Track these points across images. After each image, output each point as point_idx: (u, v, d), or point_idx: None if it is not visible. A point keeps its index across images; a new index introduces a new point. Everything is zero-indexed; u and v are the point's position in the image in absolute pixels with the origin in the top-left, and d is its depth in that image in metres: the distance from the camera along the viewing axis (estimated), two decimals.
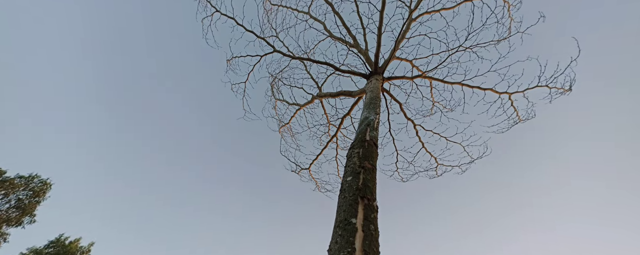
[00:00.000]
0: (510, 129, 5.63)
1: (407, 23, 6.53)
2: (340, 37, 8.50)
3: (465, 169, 6.18)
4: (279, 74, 10.60)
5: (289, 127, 10.57)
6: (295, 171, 10.26)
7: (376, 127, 4.19)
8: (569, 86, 4.88)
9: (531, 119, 5.37)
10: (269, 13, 10.20)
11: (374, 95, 5.72)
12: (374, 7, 6.99)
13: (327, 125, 9.90)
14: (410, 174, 6.98)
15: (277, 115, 10.84)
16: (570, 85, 4.86)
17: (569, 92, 4.90)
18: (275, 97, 10.63)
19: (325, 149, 9.72)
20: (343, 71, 8.37)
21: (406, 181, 7.03)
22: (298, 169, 10.19)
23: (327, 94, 8.95)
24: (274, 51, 9.43)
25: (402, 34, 6.62)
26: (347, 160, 3.18)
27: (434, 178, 6.87)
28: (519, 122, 5.57)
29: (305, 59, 9.06)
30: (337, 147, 9.76)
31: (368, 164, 2.81)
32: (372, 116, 4.46)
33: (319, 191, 10.46)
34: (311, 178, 10.33)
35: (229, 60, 10.38)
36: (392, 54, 6.98)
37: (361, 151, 3.14)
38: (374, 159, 3.11)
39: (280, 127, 10.66)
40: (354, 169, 2.70)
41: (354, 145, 3.46)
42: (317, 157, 9.85)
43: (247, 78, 10.31)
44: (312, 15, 9.38)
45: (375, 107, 4.99)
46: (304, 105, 9.89)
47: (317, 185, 10.51)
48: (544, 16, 4.94)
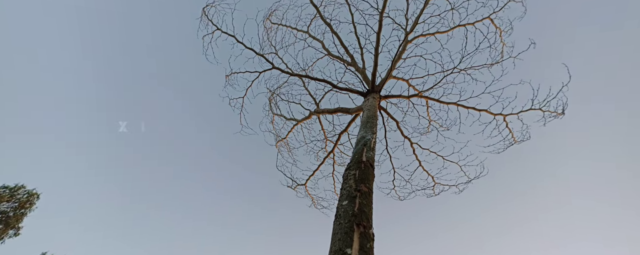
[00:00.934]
0: (505, 149, 5.69)
1: (403, 44, 6.73)
2: (339, 56, 8.71)
3: (463, 189, 6.14)
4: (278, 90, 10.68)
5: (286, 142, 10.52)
6: (291, 187, 10.07)
7: (373, 146, 4.19)
8: (561, 110, 5.00)
9: (526, 140, 5.44)
10: (269, 31, 10.47)
11: (371, 113, 5.77)
12: (371, 29, 7.23)
13: (324, 141, 9.87)
14: (407, 192, 6.92)
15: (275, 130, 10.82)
16: (562, 109, 4.99)
17: (562, 116, 5.01)
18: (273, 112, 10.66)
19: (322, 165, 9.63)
20: (340, 88, 8.48)
21: (404, 200, 6.94)
22: (294, 184, 10.01)
23: (324, 110, 9.01)
24: (273, 68, 9.58)
25: (399, 55, 6.79)
26: (343, 182, 3.15)
27: (431, 197, 6.79)
28: (514, 144, 5.63)
29: (304, 76, 9.19)
30: (333, 163, 9.68)
31: (364, 187, 2.77)
32: (368, 136, 4.47)
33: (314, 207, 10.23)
34: (307, 194, 10.13)
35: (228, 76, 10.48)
36: (388, 73, 7.13)
37: (358, 173, 3.12)
38: (371, 181, 3.08)
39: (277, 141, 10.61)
40: (350, 193, 2.67)
41: (350, 166, 3.43)
42: (313, 173, 9.73)
43: (246, 93, 10.37)
44: (311, 34, 9.64)
45: (372, 126, 5.01)
46: (301, 120, 9.91)
47: (313, 202, 10.30)
48: (534, 43, 5.15)
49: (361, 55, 7.85)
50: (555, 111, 5.08)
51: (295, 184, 9.99)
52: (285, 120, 10.34)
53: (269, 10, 10.44)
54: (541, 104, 5.16)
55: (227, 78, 10.44)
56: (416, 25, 6.52)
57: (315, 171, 9.71)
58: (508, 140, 5.70)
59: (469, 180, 5.99)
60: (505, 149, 5.71)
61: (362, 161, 3.47)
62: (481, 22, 6.08)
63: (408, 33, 6.75)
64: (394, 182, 7.01)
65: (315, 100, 9.61)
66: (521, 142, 5.54)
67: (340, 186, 3.36)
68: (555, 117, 5.10)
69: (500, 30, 5.94)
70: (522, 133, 5.54)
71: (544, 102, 5.10)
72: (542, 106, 5.17)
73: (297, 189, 10.03)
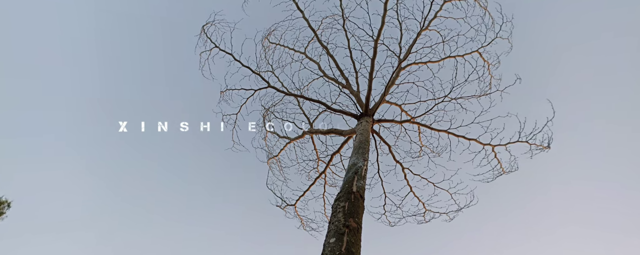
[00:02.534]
0: (494, 179, 5.77)
1: (396, 71, 6.95)
2: (334, 78, 8.88)
3: (453, 217, 6.11)
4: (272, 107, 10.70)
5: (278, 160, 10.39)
6: (280, 206, 9.80)
7: (364, 175, 4.17)
8: (547, 144, 5.17)
9: (514, 171, 5.55)
10: (266, 49, 10.66)
11: (364, 138, 5.81)
12: (366, 54, 7.47)
13: (317, 161, 9.79)
14: (398, 218, 6.82)
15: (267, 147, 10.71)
16: (548, 143, 5.16)
17: (547, 150, 5.17)
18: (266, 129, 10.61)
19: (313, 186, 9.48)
20: (334, 110, 8.57)
21: (394, 226, 6.82)
22: (283, 204, 9.75)
23: (317, 130, 9.02)
24: (268, 86, 9.65)
25: (392, 81, 6.99)
26: (332, 214, 3.08)
27: (422, 223, 6.71)
28: (502, 174, 5.73)
29: (298, 96, 9.28)
30: (325, 183, 9.55)
31: (353, 223, 2.72)
32: (360, 163, 4.46)
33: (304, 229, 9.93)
34: (296, 215, 9.86)
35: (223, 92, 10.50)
36: (382, 97, 7.28)
37: (347, 205, 3.07)
38: (360, 214, 3.03)
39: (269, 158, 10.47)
40: (338, 229, 2.60)
41: (340, 197, 3.39)
42: (304, 193, 9.54)
43: (240, 110, 10.36)
44: (308, 55, 9.87)
45: (364, 152, 5.02)
46: (294, 139, 9.87)
47: (302, 223, 10.00)
48: (520, 78, 5.43)
49: (356, 79, 8.04)
50: (541, 145, 5.25)
51: (285, 204, 9.73)
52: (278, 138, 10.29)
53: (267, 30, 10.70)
54: (527, 136, 5.34)
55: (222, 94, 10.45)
56: (409, 54, 6.79)
57: (306, 191, 9.53)
58: (497, 170, 5.80)
59: (459, 209, 5.99)
60: (494, 178, 5.79)
61: (352, 192, 3.43)
62: (470, 55, 6.40)
63: (401, 60, 7.00)
64: (384, 208, 6.93)
65: (309, 119, 9.65)
66: (509, 172, 5.66)
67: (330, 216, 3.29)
68: (541, 151, 5.27)
69: (488, 64, 6.24)
70: (510, 164, 5.67)
71: (530, 135, 5.29)
72: (528, 139, 5.35)
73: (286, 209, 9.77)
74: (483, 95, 5.98)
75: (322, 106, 8.97)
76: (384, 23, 7.16)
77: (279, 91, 9.56)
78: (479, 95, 6.05)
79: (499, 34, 6.34)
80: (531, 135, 5.30)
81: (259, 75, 9.63)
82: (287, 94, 9.56)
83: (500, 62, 6.05)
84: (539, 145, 5.29)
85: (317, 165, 9.77)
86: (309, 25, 9.45)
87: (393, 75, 6.95)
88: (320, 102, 8.58)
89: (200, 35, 9.81)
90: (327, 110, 9.14)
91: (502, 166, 5.81)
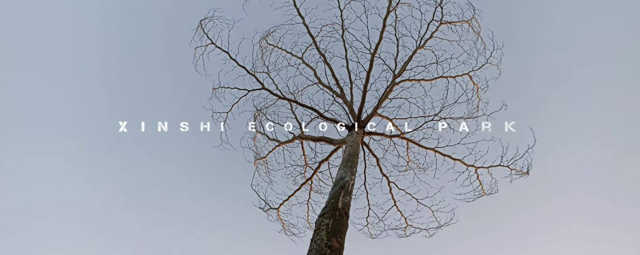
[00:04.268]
0: (475, 200, 5.98)
1: (390, 85, 7.09)
2: (329, 86, 8.94)
3: (433, 234, 6.27)
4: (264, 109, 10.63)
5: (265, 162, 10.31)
6: (263, 209, 9.70)
7: (350, 190, 4.22)
8: (526, 170, 5.43)
9: (494, 193, 5.78)
10: (264, 50, 10.60)
11: (353, 150, 5.87)
12: (362, 67, 7.58)
13: (304, 167, 9.78)
14: (380, 230, 6.92)
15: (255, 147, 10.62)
16: (527, 169, 5.42)
17: (526, 176, 5.43)
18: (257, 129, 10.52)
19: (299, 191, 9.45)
20: (326, 118, 8.61)
21: (375, 238, 6.92)
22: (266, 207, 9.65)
23: (308, 136, 9.03)
24: (263, 88, 9.59)
25: (385, 95, 7.12)
26: (315, 231, 3.10)
27: (402, 237, 6.83)
28: (483, 196, 5.95)
29: (292, 101, 9.26)
30: (310, 190, 9.54)
31: (335, 243, 2.75)
32: (347, 177, 4.51)
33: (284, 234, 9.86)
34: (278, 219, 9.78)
35: (215, 89, 10.34)
36: (374, 110, 7.39)
37: (331, 223, 3.09)
38: (343, 233, 3.06)
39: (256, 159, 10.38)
40: (320, 249, 2.62)
41: (324, 213, 3.41)
42: (288, 198, 9.48)
43: (231, 109, 10.23)
44: (305, 61, 9.89)
45: (352, 165, 5.07)
46: (284, 142, 9.83)
47: (284, 228, 9.93)
48: (505, 105, 5.69)
49: (350, 89, 8.13)
50: (521, 170, 5.51)
51: (268, 207, 9.63)
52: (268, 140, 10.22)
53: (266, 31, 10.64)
54: (509, 161, 5.58)
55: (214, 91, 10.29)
56: (404, 70, 6.95)
57: (291, 196, 9.48)
58: (478, 192, 6.02)
59: (439, 226, 6.16)
60: (474, 199, 6.00)
61: (338, 208, 3.46)
62: (461, 77, 6.63)
63: (396, 76, 7.15)
64: (367, 219, 7.02)
65: (301, 125, 9.64)
66: (490, 194, 5.88)
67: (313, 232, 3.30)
68: (521, 176, 5.53)
69: (477, 87, 6.50)
70: (491, 186, 5.91)
71: (511, 160, 5.54)
72: (509, 164, 5.59)
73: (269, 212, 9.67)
74: (470, 118, 6.21)
75: (315, 113, 8.99)
76: (382, 38, 7.31)
77: (272, 94, 9.52)
78: (467, 117, 6.28)
79: (489, 60, 6.62)
80: (512, 160, 5.56)
81: (254, 76, 9.55)
82: (281, 98, 9.53)
83: (488, 86, 6.34)
84: (519, 171, 5.55)
85: (305, 171, 9.76)
86: (309, 31, 9.48)
87: (387, 90, 7.08)
88: (313, 109, 8.60)
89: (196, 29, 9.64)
90: (319, 118, 9.17)
91: (483, 188, 6.03)
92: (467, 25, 7.47)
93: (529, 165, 5.39)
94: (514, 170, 5.57)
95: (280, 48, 10.51)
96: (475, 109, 6.38)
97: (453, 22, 7.45)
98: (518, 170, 5.56)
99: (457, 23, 7.47)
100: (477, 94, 6.49)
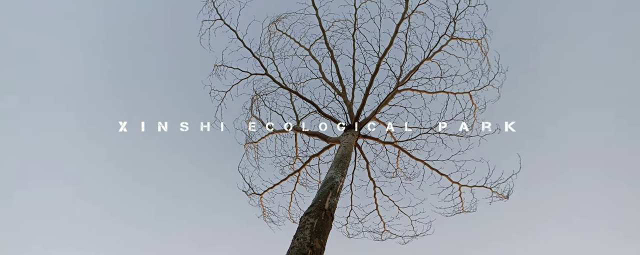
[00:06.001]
0: (453, 215, 6.22)
1: (392, 92, 7.14)
2: (332, 83, 8.91)
3: (407, 242, 6.51)
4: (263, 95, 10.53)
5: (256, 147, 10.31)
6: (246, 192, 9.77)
7: (338, 191, 4.30)
8: (507, 195, 5.67)
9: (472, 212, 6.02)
10: (272, 35, 10.40)
11: (347, 152, 5.94)
12: (368, 69, 7.57)
13: (294, 159, 9.84)
14: (358, 231, 7.12)
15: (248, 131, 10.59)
16: (508, 194, 5.66)
17: (506, 200, 5.67)
18: (252, 113, 10.46)
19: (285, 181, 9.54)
20: (324, 115, 8.63)
21: (351, 238, 7.13)
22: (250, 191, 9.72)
23: (303, 129, 9.05)
24: (265, 74, 9.48)
25: (386, 101, 7.17)
26: (298, 229, 3.17)
27: (377, 240, 7.06)
28: (461, 213, 6.19)
29: (293, 92, 9.20)
30: (296, 181, 9.64)
31: (318, 244, 2.84)
32: (337, 178, 4.59)
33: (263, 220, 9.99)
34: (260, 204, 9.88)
35: (217, 66, 10.16)
36: (373, 114, 7.45)
37: (316, 223, 3.17)
38: (326, 235, 3.15)
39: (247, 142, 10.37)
40: (301, 249, 2.70)
41: (310, 212, 3.49)
42: (273, 186, 9.56)
43: (230, 89, 10.11)
44: (312, 53, 9.78)
45: (343, 167, 5.15)
46: (277, 131, 9.83)
47: (264, 214, 10.05)
48: (499, 129, 5.86)
49: (353, 90, 8.13)
50: (502, 194, 5.75)
51: (251, 191, 9.70)
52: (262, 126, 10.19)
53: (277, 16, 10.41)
54: (492, 184, 5.80)
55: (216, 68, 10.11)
56: (408, 80, 6.99)
57: (276, 185, 9.56)
58: (458, 208, 6.25)
59: (415, 235, 6.40)
60: (452, 215, 6.25)
61: (324, 209, 3.55)
62: (462, 95, 6.74)
63: (399, 83, 7.19)
64: (347, 219, 7.20)
65: (298, 116, 9.64)
66: (468, 212, 6.13)
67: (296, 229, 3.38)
68: (500, 200, 5.78)
69: (476, 107, 6.63)
70: (471, 204, 6.14)
71: (494, 183, 5.76)
72: (492, 186, 5.81)
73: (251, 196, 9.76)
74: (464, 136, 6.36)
75: (313, 107, 8.98)
76: (392, 44, 7.28)
77: (274, 81, 9.42)
78: (460, 135, 6.43)
79: (492, 82, 6.74)
80: (495, 183, 5.79)
81: (258, 60, 9.40)
82: (282, 87, 9.45)
83: (486, 108, 6.48)
84: (500, 194, 5.79)
85: (294, 163, 9.82)
86: (320, 24, 9.33)
87: (388, 96, 7.13)
88: (312, 103, 8.58)
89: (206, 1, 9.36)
90: (316, 113, 9.17)
91: (463, 206, 6.27)
92: (477, 44, 7.54)
93: (511, 190, 5.64)
94: (496, 193, 5.82)
95: (289, 36, 10.33)
96: (470, 128, 6.55)
97: (464, 39, 7.50)
98: (499, 194, 5.81)
99: (467, 40, 7.52)
100: (474, 114, 6.64)
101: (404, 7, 8.07)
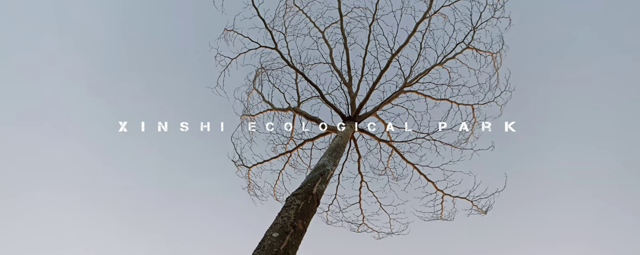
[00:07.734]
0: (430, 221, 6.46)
1: (398, 92, 7.09)
2: (340, 71, 8.77)
3: (381, 237, 6.78)
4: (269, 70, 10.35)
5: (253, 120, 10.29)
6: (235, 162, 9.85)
7: (328, 179, 4.37)
8: (485, 210, 5.88)
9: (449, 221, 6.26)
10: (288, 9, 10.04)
11: (342, 142, 5.98)
12: (378, 64, 7.44)
13: (288, 139, 9.87)
14: (337, 219, 7.34)
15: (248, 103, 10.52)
16: (486, 210, 5.87)
17: (483, 215, 5.90)
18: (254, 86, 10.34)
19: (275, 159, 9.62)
20: (326, 102, 8.56)
21: (329, 225, 7.35)
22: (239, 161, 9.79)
23: (303, 112, 9.01)
24: (275, 49, 9.25)
25: (390, 99, 7.14)
26: (284, 207, 3.24)
27: (353, 231, 7.32)
28: (439, 219, 6.42)
29: (299, 72, 9.05)
30: (287, 162, 9.73)
31: (300, 225, 2.92)
32: (329, 166, 4.64)
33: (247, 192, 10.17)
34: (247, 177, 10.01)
35: (227, 31, 9.86)
36: (374, 110, 7.44)
37: (302, 205, 3.24)
38: (310, 218, 3.23)
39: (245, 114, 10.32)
40: (284, 225, 2.78)
41: (298, 193, 3.55)
42: (263, 161, 9.64)
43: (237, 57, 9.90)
44: (325, 36, 9.52)
45: (336, 156, 5.20)
46: (277, 109, 9.78)
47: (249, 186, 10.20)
48: (493, 146, 5.95)
49: (359, 82, 8.04)
50: (481, 209, 5.96)
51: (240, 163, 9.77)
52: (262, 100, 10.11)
53: None
54: (474, 198, 5.98)
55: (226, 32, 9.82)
56: (416, 82, 6.93)
57: (266, 161, 9.64)
58: (436, 215, 6.48)
59: (390, 233, 6.65)
60: (430, 220, 6.48)
61: (312, 193, 3.61)
62: (465, 106, 6.75)
63: (406, 84, 7.13)
64: (329, 206, 7.39)
65: (299, 98, 9.55)
66: (445, 220, 6.37)
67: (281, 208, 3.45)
68: (478, 213, 5.99)
69: (476, 121, 6.68)
70: (449, 214, 6.36)
71: (477, 197, 5.94)
72: (473, 200, 6.00)
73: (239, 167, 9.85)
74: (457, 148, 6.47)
75: (317, 92, 8.88)
76: (408, 42, 7.13)
77: (282, 58, 9.22)
78: (455, 146, 6.53)
79: (496, 99, 6.75)
80: (477, 197, 5.97)
81: (270, 33, 9.13)
82: (289, 65, 9.27)
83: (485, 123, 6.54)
84: (479, 209, 6.01)
85: (287, 143, 9.86)
86: (339, 7, 9.02)
87: (393, 95, 7.09)
88: (316, 87, 8.48)
89: None
90: (319, 98, 9.09)
91: (442, 213, 6.49)
92: (491, 57, 7.45)
93: (490, 207, 5.85)
94: (475, 207, 6.02)
95: (305, 13, 9.98)
96: (465, 140, 6.64)
97: (479, 50, 7.39)
98: (479, 208, 6.02)
99: (482, 52, 7.42)
100: (473, 127, 6.71)
101: (427, 6, 7.82)
